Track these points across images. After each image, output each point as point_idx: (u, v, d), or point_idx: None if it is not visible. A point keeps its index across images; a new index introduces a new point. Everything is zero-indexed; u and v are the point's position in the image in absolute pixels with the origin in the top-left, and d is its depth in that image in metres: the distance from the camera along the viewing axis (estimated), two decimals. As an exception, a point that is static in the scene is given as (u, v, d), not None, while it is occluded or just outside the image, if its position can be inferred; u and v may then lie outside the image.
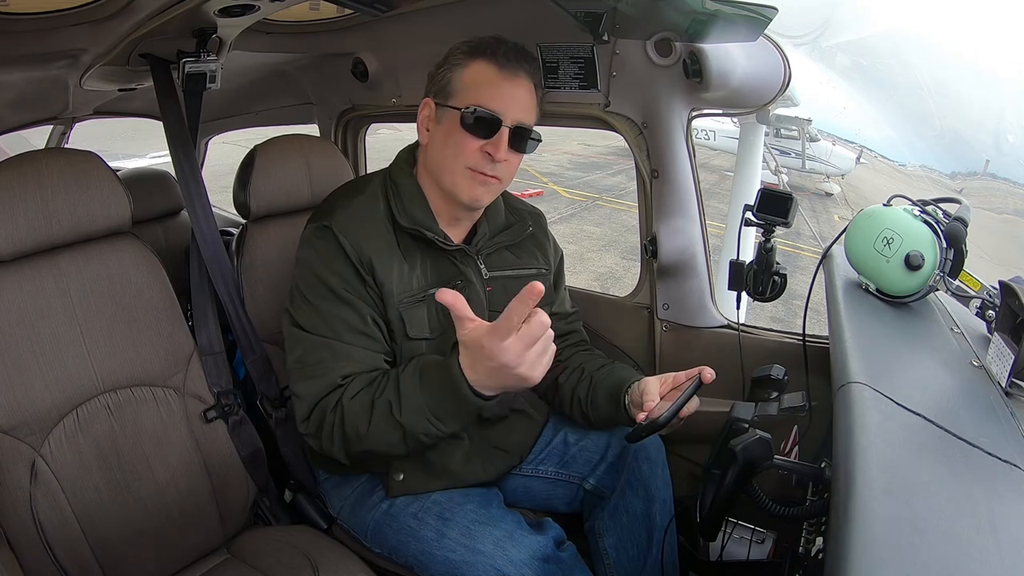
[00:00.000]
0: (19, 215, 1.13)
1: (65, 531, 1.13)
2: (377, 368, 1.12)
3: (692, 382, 1.08)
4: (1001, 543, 0.59)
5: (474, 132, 1.10)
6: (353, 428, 1.05)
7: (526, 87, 1.13)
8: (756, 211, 1.28)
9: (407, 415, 1.01)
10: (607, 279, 8.12)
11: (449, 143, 1.12)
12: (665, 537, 1.23)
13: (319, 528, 1.38)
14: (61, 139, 2.75)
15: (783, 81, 1.36)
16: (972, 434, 0.75)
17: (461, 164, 1.11)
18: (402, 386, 1.02)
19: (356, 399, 1.06)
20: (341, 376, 1.09)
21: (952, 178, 14.78)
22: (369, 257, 1.12)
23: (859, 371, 0.84)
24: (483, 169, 1.12)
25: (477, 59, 1.12)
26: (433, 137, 1.15)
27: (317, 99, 2.15)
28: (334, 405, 1.07)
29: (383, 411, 1.03)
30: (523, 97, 1.13)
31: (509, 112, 1.10)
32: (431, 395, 0.99)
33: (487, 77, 1.11)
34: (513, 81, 1.12)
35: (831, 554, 0.60)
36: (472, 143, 1.10)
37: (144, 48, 1.36)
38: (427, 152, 1.17)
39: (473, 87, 1.11)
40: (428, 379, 1.01)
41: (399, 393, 1.02)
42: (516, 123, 1.11)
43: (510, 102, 1.11)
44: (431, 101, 1.16)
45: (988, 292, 1.07)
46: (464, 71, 1.12)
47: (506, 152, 1.11)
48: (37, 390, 1.14)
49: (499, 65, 1.11)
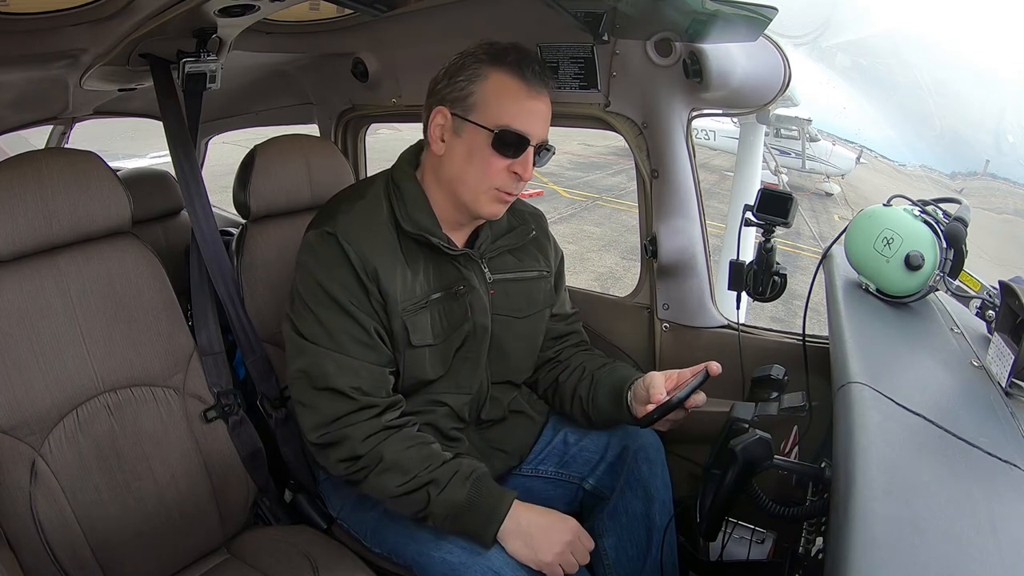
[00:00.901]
0: (19, 215, 1.13)
1: (65, 531, 1.13)
2: (382, 382, 1.13)
3: (699, 374, 1.09)
4: (1001, 543, 0.59)
5: (503, 152, 1.09)
6: (380, 479, 1.10)
7: (547, 103, 1.13)
8: (756, 211, 1.28)
9: (435, 507, 1.08)
10: (607, 279, 8.12)
11: (474, 160, 1.10)
12: (665, 537, 1.22)
13: (319, 528, 1.38)
14: (61, 139, 2.75)
15: (783, 81, 1.36)
16: (972, 434, 0.75)
17: (487, 183, 1.11)
18: (446, 493, 1.08)
19: (402, 454, 1.10)
20: (352, 388, 1.10)
21: (952, 178, 14.78)
22: (374, 267, 1.11)
23: (859, 371, 0.84)
24: (509, 189, 1.12)
25: (499, 70, 1.09)
26: (451, 149, 1.13)
27: (317, 99, 2.15)
28: (370, 446, 1.10)
29: (418, 492, 1.08)
30: (545, 113, 1.13)
31: (535, 131, 1.10)
32: (465, 512, 1.07)
33: (513, 94, 1.09)
34: (539, 99, 1.11)
35: (831, 554, 0.60)
36: (500, 163, 1.10)
37: (144, 48, 1.36)
38: (443, 163, 1.15)
39: (497, 104, 1.09)
40: (472, 507, 1.07)
41: (441, 493, 1.08)
42: (540, 141, 1.12)
43: (537, 121, 1.11)
44: (447, 111, 1.12)
45: (988, 292, 1.07)
46: (487, 84, 1.09)
47: (532, 170, 1.12)
48: (37, 390, 1.13)
49: (526, 82, 1.09)
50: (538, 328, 1.32)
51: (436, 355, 1.18)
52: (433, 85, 1.16)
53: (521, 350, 1.30)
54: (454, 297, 1.18)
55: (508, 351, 1.26)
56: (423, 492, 1.08)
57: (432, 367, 1.18)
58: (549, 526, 1.08)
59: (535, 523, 1.07)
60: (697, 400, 1.10)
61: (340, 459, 1.11)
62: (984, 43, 17.63)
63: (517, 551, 1.06)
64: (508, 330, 1.25)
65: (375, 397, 1.12)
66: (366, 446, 1.09)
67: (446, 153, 1.13)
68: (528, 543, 1.06)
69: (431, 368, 1.18)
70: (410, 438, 1.12)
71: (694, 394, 1.10)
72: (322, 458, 1.14)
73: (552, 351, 1.37)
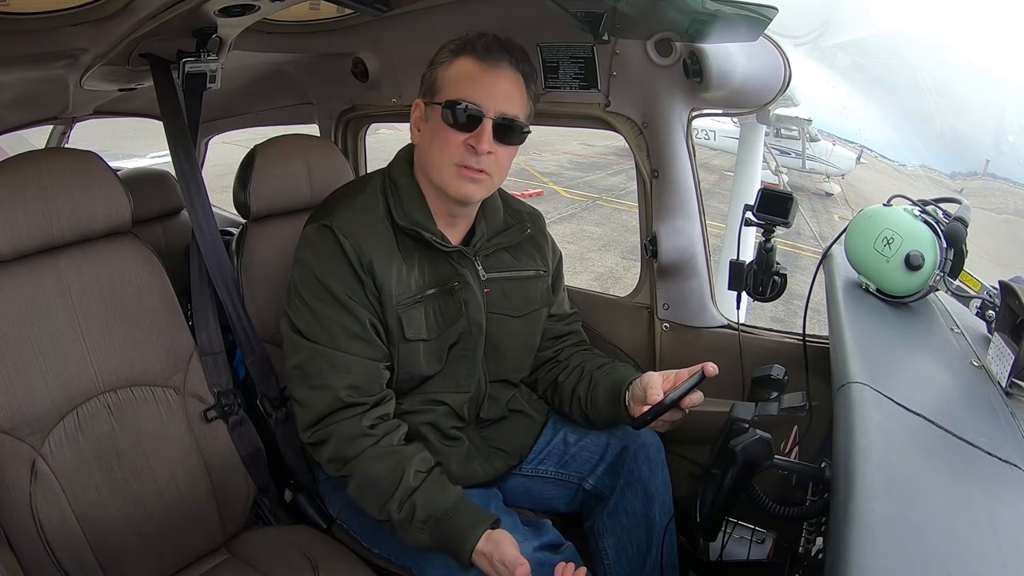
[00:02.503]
0: (19, 215, 1.13)
1: (65, 531, 1.13)
2: (376, 377, 1.13)
3: (695, 375, 1.09)
4: (1001, 543, 0.59)
5: (456, 126, 1.09)
6: (360, 494, 1.12)
7: (509, 77, 1.12)
8: (756, 211, 1.28)
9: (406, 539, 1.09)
10: (607, 279, 8.12)
11: (436, 140, 1.12)
12: (665, 537, 1.23)
13: (319, 528, 1.38)
14: (61, 139, 2.75)
15: (783, 81, 1.36)
16: (972, 434, 0.75)
17: (447, 160, 1.11)
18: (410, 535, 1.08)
19: (382, 461, 1.10)
20: (343, 386, 1.10)
21: (952, 178, 14.77)
22: (370, 259, 1.12)
23: (859, 371, 0.84)
24: (468, 163, 1.11)
25: (461, 56, 1.12)
26: (423, 136, 1.16)
27: (317, 99, 2.15)
28: (355, 450, 1.10)
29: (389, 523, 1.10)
30: (506, 88, 1.11)
31: (491, 104, 1.09)
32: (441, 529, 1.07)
33: (468, 71, 1.11)
34: (494, 72, 1.11)
35: (831, 554, 0.60)
36: (455, 137, 1.10)
37: (144, 48, 1.36)
38: (419, 151, 1.18)
39: (455, 83, 1.11)
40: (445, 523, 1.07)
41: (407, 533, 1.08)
42: (499, 114, 1.10)
43: (492, 93, 1.10)
44: (421, 102, 1.16)
45: (988, 292, 1.07)
46: (448, 68, 1.12)
47: (490, 144, 1.10)
48: (37, 390, 1.14)
49: (479, 58, 1.11)
50: (535, 327, 1.32)
51: (431, 350, 1.18)
52: (420, 83, 1.18)
53: (517, 349, 1.30)
54: (449, 293, 1.18)
55: (504, 349, 1.27)
56: (390, 525, 1.10)
57: (427, 362, 1.18)
58: None
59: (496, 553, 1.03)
60: (694, 400, 1.10)
61: (328, 459, 1.13)
62: (984, 43, 17.63)
63: None
64: (504, 328, 1.25)
65: (366, 394, 1.12)
66: (353, 449, 1.10)
67: (421, 141, 1.16)
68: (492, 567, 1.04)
69: (426, 363, 1.18)
70: (385, 455, 1.11)
71: (691, 394, 1.09)
72: (316, 456, 1.16)
73: (551, 351, 1.37)
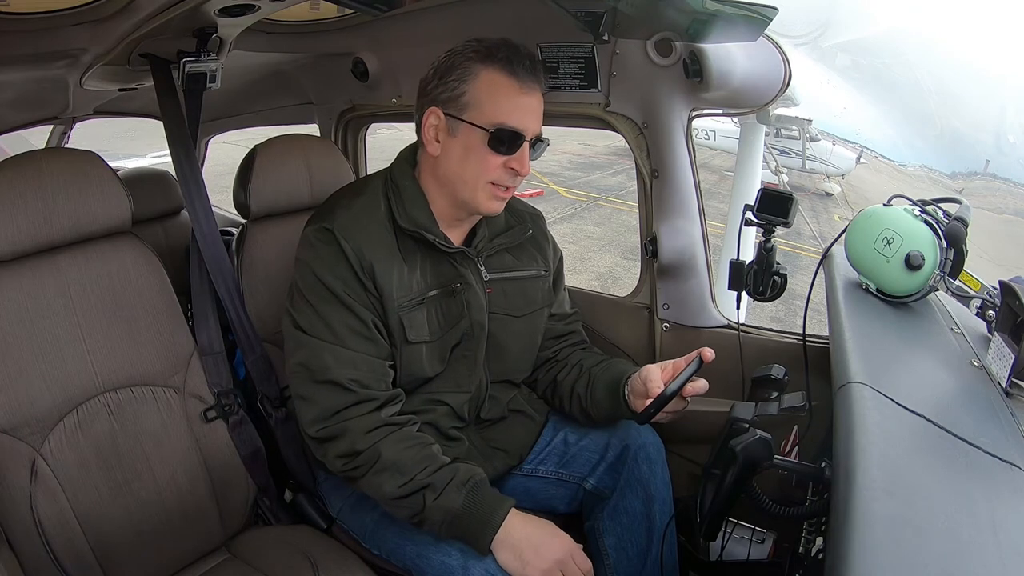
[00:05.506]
0: (19, 215, 1.13)
1: (65, 531, 1.13)
2: (381, 375, 1.13)
3: (693, 362, 1.09)
4: (1001, 543, 0.59)
5: (499, 150, 1.10)
6: (377, 479, 1.09)
7: (539, 98, 1.14)
8: (756, 211, 1.28)
9: (431, 512, 1.07)
10: (607, 279, 8.12)
11: (471, 159, 1.11)
12: (665, 537, 1.23)
13: (319, 528, 1.38)
14: (61, 139, 2.75)
15: (783, 81, 1.36)
16: (972, 434, 0.75)
17: (484, 180, 1.12)
18: (442, 498, 1.07)
19: (401, 454, 1.09)
20: (350, 380, 1.10)
21: (952, 178, 14.75)
22: (371, 262, 1.12)
23: (859, 371, 0.84)
24: (505, 183, 1.13)
25: (489, 68, 1.09)
26: (448, 149, 1.13)
27: (317, 99, 2.15)
28: (370, 442, 1.09)
29: (415, 495, 1.08)
30: (537, 108, 1.13)
31: (529, 126, 1.11)
32: (460, 518, 1.06)
33: (505, 91, 1.10)
34: (531, 94, 1.12)
35: (831, 554, 0.60)
36: (496, 160, 1.11)
37: (144, 48, 1.36)
38: (439, 163, 1.15)
39: (491, 102, 1.09)
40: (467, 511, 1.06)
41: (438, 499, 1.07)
42: (535, 135, 1.13)
43: (530, 116, 1.12)
44: (440, 112, 1.12)
45: (988, 292, 1.07)
46: (478, 82, 1.09)
47: (528, 164, 1.12)
48: (37, 390, 1.13)
49: (518, 78, 1.10)
50: (536, 327, 1.32)
51: (433, 352, 1.18)
52: (424, 85, 1.16)
53: (519, 349, 1.30)
54: (451, 294, 1.18)
55: (506, 350, 1.27)
56: (419, 496, 1.07)
57: (430, 364, 1.18)
58: (540, 542, 1.06)
59: (528, 537, 1.05)
60: (697, 388, 1.09)
61: (338, 454, 1.11)
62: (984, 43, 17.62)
63: (506, 563, 1.05)
64: (505, 329, 1.25)
65: (374, 390, 1.12)
66: (366, 441, 1.09)
67: (442, 153, 1.14)
68: (518, 556, 1.04)
69: (428, 365, 1.18)
70: (409, 438, 1.11)
71: (693, 382, 1.09)
72: (320, 453, 1.14)
73: (551, 351, 1.38)
